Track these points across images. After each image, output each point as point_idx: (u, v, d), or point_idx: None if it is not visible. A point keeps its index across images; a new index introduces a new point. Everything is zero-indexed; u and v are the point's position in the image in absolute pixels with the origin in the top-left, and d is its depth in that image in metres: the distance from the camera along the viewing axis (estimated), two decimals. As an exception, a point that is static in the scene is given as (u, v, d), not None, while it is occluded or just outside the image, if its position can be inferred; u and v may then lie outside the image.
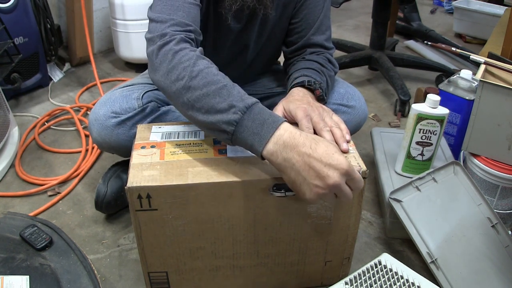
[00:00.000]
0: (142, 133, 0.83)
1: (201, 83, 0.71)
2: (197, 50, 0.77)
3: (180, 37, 0.76)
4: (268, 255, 0.82)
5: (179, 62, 0.73)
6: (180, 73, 0.72)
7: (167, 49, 0.75)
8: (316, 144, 0.66)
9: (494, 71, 1.09)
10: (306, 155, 0.65)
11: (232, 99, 0.69)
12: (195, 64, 0.72)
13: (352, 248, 0.86)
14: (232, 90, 0.70)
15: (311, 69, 0.94)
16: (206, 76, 0.71)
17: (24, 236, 0.84)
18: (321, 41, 1.01)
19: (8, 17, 1.49)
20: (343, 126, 0.79)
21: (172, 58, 0.74)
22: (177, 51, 0.74)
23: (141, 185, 0.70)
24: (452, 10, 2.54)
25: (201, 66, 0.72)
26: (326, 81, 0.94)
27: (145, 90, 0.99)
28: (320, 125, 0.77)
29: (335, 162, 0.65)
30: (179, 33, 0.77)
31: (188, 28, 0.80)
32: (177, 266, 0.81)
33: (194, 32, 0.81)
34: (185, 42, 0.77)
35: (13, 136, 1.38)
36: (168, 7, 0.80)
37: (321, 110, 0.81)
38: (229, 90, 0.70)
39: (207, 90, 0.70)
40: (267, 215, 0.77)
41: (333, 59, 1.02)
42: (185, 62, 0.73)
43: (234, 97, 0.69)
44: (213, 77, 0.71)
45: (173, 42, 0.75)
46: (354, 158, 0.76)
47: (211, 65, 0.74)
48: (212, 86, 0.70)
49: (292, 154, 0.66)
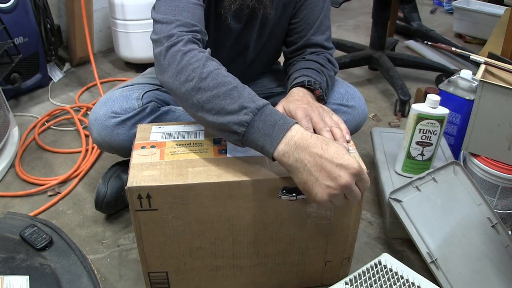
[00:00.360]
0: (142, 133, 0.83)
1: (211, 84, 0.71)
2: (206, 51, 0.77)
3: (187, 38, 0.76)
4: (268, 255, 0.82)
5: (188, 63, 0.73)
6: (190, 75, 0.72)
7: (175, 50, 0.75)
8: (327, 145, 0.66)
9: (494, 71, 1.09)
10: (318, 156, 0.65)
11: (243, 100, 0.69)
12: (204, 65, 0.72)
13: (352, 248, 0.86)
14: (243, 91, 0.70)
15: (311, 69, 0.94)
16: (216, 78, 0.71)
17: (24, 236, 0.84)
18: (321, 41, 1.01)
19: (8, 17, 1.49)
20: (343, 126, 0.79)
21: (181, 59, 0.74)
22: (185, 52, 0.74)
23: (141, 185, 0.70)
24: (452, 10, 2.54)
25: (211, 67, 0.72)
26: (326, 81, 0.94)
27: (145, 90, 0.99)
28: (320, 125, 0.77)
29: (346, 162, 0.65)
30: (186, 34, 0.77)
31: (194, 28, 0.80)
32: (177, 266, 0.81)
33: (200, 33, 0.81)
34: (193, 43, 0.77)
35: (13, 136, 1.38)
36: (173, 8, 0.80)
37: (321, 110, 0.81)
38: (240, 91, 0.70)
39: (217, 91, 0.70)
40: (267, 215, 0.77)
41: (333, 59, 1.02)
42: (194, 63, 0.73)
43: (245, 99, 0.69)
44: (223, 79, 0.71)
45: (181, 43, 0.75)
46: (354, 158, 0.76)
47: (220, 67, 0.74)
48: (222, 87, 0.70)
49: (303, 154, 0.66)
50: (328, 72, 0.97)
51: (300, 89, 0.88)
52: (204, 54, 0.75)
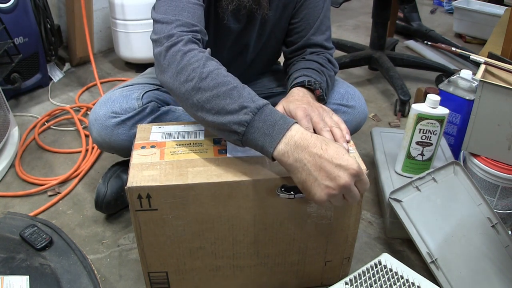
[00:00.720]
0: (142, 133, 0.83)
1: (211, 84, 0.71)
2: (206, 51, 0.77)
3: (187, 38, 0.76)
4: (268, 255, 0.82)
5: (188, 63, 0.73)
6: (190, 74, 0.72)
7: (175, 50, 0.75)
8: (326, 145, 0.66)
9: (494, 71, 1.09)
10: (317, 156, 0.65)
11: (242, 100, 0.69)
12: (204, 65, 0.72)
13: (352, 248, 0.86)
14: (243, 91, 0.71)
15: (311, 69, 0.94)
16: (216, 78, 0.71)
17: (24, 236, 0.84)
18: (321, 41, 1.01)
19: (8, 17, 1.49)
20: (343, 126, 0.79)
21: (181, 59, 0.74)
22: (186, 52, 0.74)
23: (141, 185, 0.70)
24: (452, 10, 2.54)
25: (211, 67, 0.72)
26: (326, 81, 0.94)
27: (145, 90, 0.99)
28: (320, 125, 0.77)
29: (345, 163, 0.65)
30: (186, 34, 0.77)
31: (195, 28, 0.80)
32: (177, 266, 0.81)
33: (200, 32, 0.81)
34: (193, 43, 0.77)
35: (13, 136, 1.38)
36: (173, 8, 0.80)
37: (321, 110, 0.81)
38: (240, 91, 0.70)
39: (217, 91, 0.70)
40: (267, 215, 0.77)
41: (333, 59, 1.02)
42: (194, 63, 0.73)
43: (245, 99, 0.69)
44: (223, 79, 0.71)
45: (181, 43, 0.75)
46: (354, 158, 0.76)
47: (220, 67, 0.74)
48: (222, 87, 0.70)
49: (303, 154, 0.66)
50: (328, 72, 0.97)
51: (300, 89, 0.88)
52: (204, 54, 0.75)
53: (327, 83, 0.95)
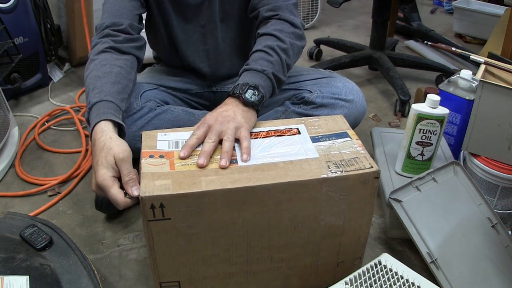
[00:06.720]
0: (148, 140, 0.80)
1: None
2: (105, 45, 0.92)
3: (98, 42, 0.94)
4: (282, 259, 0.81)
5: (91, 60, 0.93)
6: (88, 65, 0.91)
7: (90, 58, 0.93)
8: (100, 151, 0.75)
9: (494, 71, 1.09)
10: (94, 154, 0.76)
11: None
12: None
13: (363, 248, 0.85)
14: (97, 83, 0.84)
15: (261, 56, 0.90)
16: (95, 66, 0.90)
17: (24, 236, 0.84)
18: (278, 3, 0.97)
19: (8, 17, 1.49)
20: (244, 144, 0.77)
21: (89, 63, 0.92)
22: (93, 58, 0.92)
23: (154, 194, 0.68)
24: (452, 10, 2.54)
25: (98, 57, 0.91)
26: (280, 59, 0.90)
27: (144, 89, 0.99)
28: (207, 137, 0.77)
29: (97, 174, 0.73)
30: (100, 38, 0.93)
31: (114, 28, 0.94)
32: (189, 275, 0.78)
33: (120, 25, 0.93)
34: (104, 43, 0.92)
35: (13, 136, 1.38)
36: (104, 12, 0.96)
37: (224, 125, 0.79)
38: (95, 84, 0.85)
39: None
40: (281, 220, 0.75)
41: (292, 18, 0.97)
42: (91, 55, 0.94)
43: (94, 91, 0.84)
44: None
45: (93, 50, 0.93)
46: (366, 159, 0.76)
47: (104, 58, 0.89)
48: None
49: (93, 147, 0.77)
50: (282, 45, 0.92)
51: (229, 98, 0.86)
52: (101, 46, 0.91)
53: (281, 60, 0.91)
